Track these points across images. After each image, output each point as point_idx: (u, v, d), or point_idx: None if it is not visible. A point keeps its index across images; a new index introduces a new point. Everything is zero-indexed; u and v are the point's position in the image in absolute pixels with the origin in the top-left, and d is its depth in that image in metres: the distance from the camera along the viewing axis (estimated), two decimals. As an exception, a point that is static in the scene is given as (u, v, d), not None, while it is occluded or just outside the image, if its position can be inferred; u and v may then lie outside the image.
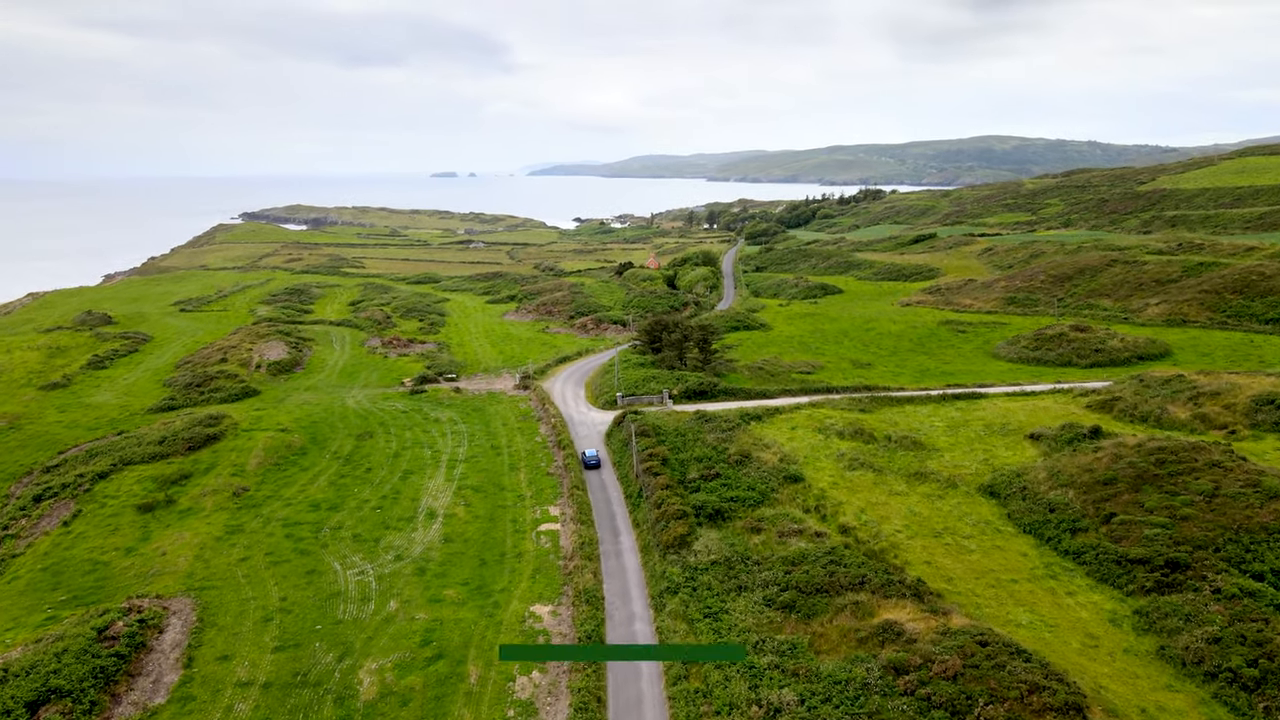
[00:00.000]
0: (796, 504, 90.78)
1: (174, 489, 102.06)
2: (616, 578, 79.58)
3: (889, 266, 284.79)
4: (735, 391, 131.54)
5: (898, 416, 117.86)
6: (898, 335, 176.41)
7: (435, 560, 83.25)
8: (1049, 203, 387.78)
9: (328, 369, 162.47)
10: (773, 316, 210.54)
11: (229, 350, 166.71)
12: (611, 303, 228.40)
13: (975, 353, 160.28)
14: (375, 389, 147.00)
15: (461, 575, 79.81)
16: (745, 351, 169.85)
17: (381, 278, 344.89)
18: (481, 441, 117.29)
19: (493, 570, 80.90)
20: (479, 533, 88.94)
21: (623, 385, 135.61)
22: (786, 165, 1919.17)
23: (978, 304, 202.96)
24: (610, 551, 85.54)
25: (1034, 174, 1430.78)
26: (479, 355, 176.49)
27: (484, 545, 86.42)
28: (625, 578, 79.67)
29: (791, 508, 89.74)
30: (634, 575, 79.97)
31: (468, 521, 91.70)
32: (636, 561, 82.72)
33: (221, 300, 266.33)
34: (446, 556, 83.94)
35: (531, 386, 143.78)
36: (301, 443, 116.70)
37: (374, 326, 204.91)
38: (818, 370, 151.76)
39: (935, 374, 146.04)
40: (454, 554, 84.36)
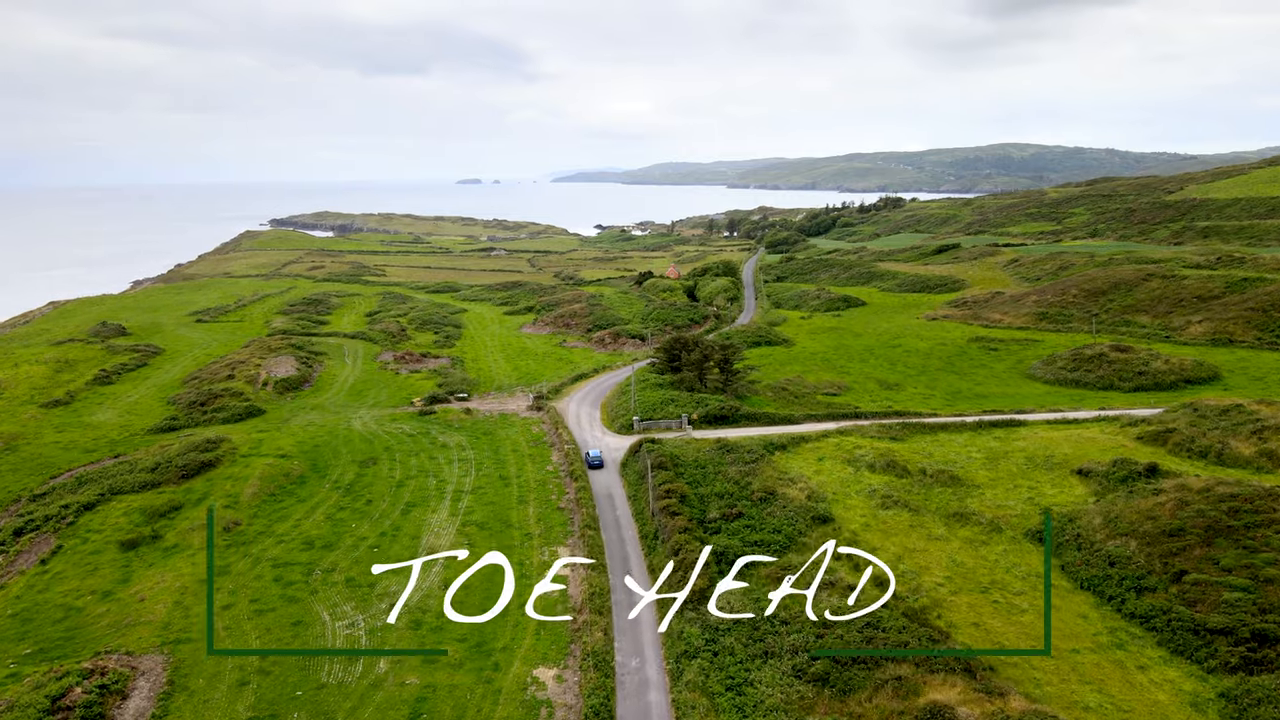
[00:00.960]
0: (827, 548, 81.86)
1: (162, 522, 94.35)
2: (629, 636, 70.90)
3: (912, 278, 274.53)
4: (758, 416, 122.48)
5: (932, 446, 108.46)
6: (926, 353, 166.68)
7: (433, 610, 74.96)
8: (1074, 212, 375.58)
9: (336, 386, 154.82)
10: (795, 331, 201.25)
11: (237, 366, 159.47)
12: (630, 315, 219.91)
13: (1009, 373, 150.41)
14: (384, 409, 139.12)
15: (460, 630, 71.43)
16: (767, 370, 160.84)
17: (401, 286, 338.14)
18: (490, 470, 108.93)
19: (495, 623, 72.45)
20: (482, 578, 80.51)
21: (640, 409, 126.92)
22: (805, 172, 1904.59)
23: (1008, 319, 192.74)
24: (623, 602, 76.85)
25: (1052, 181, 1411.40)
26: (493, 372, 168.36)
27: (487, 591, 78.01)
28: (639, 635, 70.96)
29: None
30: (648, 633, 71.21)
31: (471, 564, 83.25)
32: (651, 615, 73.92)
33: (239, 310, 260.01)
34: (444, 606, 75.56)
35: (545, 408, 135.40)
36: (301, 470, 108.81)
37: (388, 340, 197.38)
38: (844, 392, 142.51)
39: (968, 397, 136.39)
40: (453, 601, 75.92)
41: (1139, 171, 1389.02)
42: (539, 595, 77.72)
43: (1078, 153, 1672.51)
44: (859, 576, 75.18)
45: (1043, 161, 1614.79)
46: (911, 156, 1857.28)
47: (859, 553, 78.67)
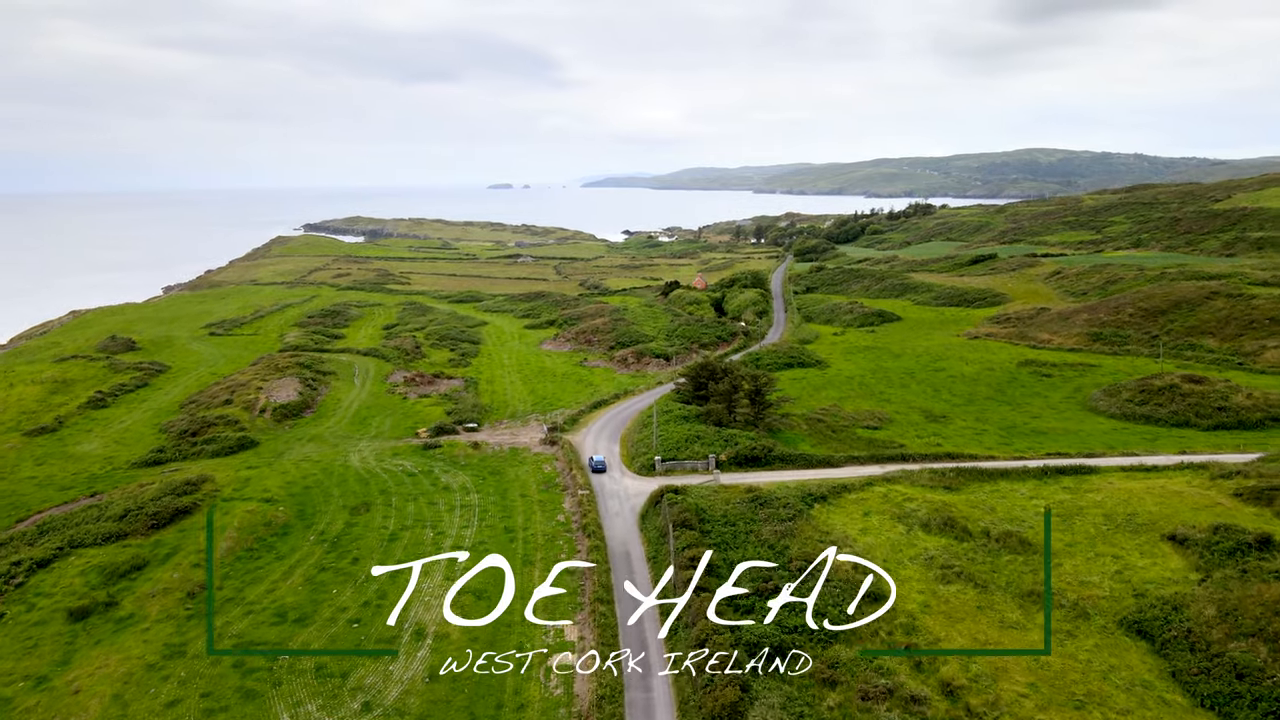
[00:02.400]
0: (880, 638, 67.77)
1: (121, 585, 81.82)
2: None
3: (949, 290, 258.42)
4: (793, 458, 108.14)
5: (993, 498, 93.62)
6: (973, 379, 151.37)
7: (412, 713, 61.69)
8: (1113, 220, 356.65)
9: (339, 413, 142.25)
10: (828, 350, 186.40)
11: (237, 389, 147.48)
12: (655, 331, 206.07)
13: (1067, 404, 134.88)
14: (386, 440, 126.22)
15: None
16: (801, 396, 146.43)
17: (424, 295, 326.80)
18: (494, 520, 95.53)
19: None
20: (474, 667, 67.04)
21: (662, 447, 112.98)
22: (832, 178, 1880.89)
23: (1057, 339, 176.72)
24: (638, 702, 63.26)
25: (1081, 187, 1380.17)
26: (507, 395, 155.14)
27: (478, 688, 64.64)
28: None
29: (875, 643, 66.90)
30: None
31: (463, 646, 69.90)
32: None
33: (256, 322, 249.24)
34: (426, 708, 62.36)
35: (560, 441, 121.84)
36: (286, 518, 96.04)
37: (401, 358, 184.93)
38: (885, 424, 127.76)
39: (1025, 433, 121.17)
40: (437, 703, 62.78)
41: (1167, 177, 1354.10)
42: (540, 686, 64.55)
43: (1105, 158, 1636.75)
44: (923, 682, 61.24)
45: (1070, 167, 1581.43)
46: (938, 162, 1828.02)
47: (919, 638, 64.61)
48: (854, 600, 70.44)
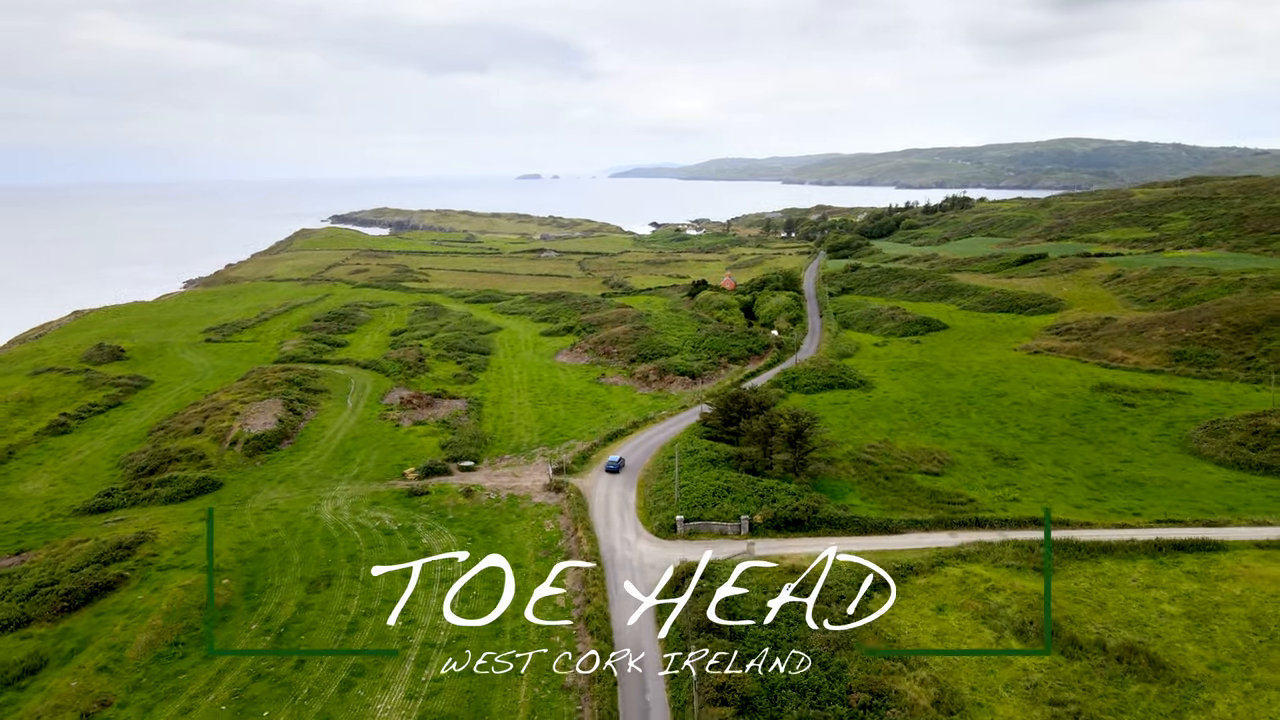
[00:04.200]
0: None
1: (6, 697, 64.63)
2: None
3: (998, 294, 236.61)
4: (843, 521, 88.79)
5: (1098, 586, 73.87)
6: (1042, 407, 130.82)
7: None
8: (1170, 217, 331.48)
9: (322, 444, 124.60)
10: (871, 365, 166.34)
11: (212, 413, 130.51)
12: (679, 342, 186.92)
13: (1160, 444, 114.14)
14: (368, 483, 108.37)
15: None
16: (844, 425, 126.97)
17: (441, 294, 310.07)
18: (479, 603, 77.31)
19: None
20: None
21: (685, 501, 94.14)
22: (862, 168, 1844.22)
23: (1133, 358, 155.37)
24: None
25: (1117, 177, 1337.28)
26: (513, 422, 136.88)
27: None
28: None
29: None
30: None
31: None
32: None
33: (259, 325, 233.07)
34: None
35: (566, 489, 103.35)
36: (229, 595, 78.46)
37: (402, 372, 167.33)
38: (947, 468, 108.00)
39: (1116, 483, 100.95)
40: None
41: (1206, 166, 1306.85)
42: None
43: (1142, 148, 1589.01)
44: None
45: (1106, 157, 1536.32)
46: (970, 152, 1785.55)
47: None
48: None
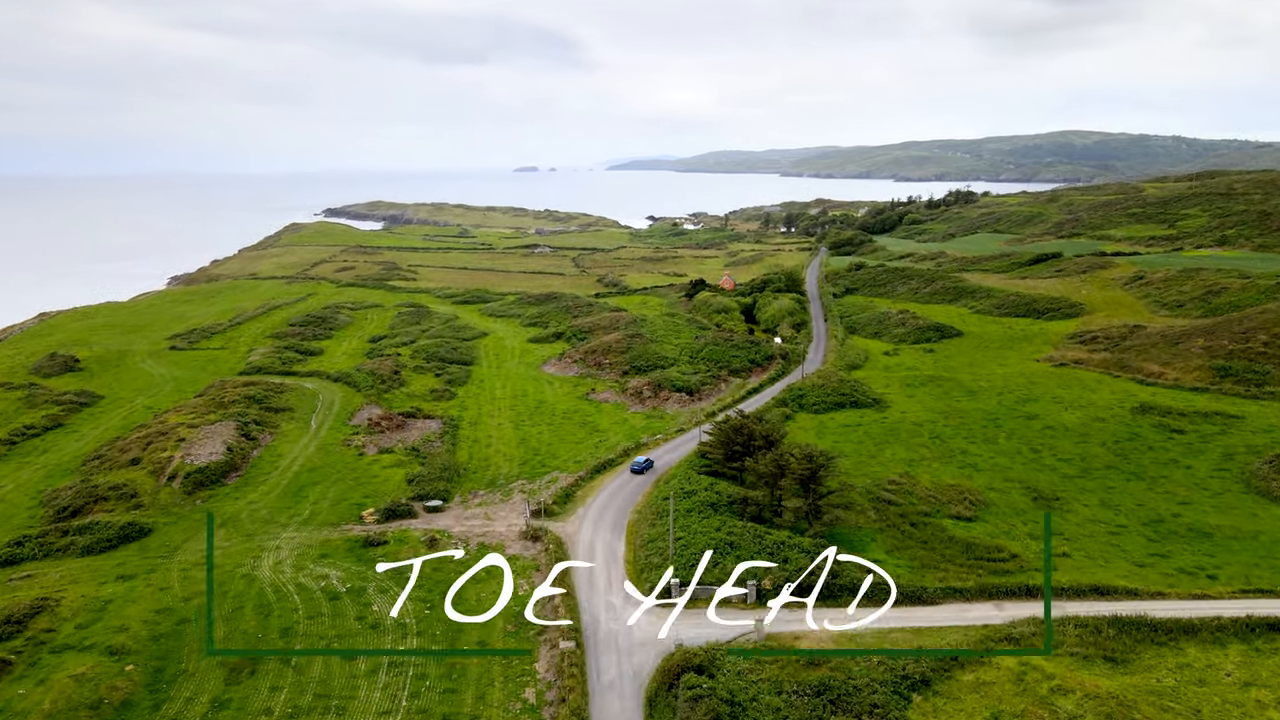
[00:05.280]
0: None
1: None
2: None
3: (1012, 297, 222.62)
4: (868, 590, 74.87)
5: (1185, 683, 60.19)
6: (1079, 433, 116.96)
7: None
8: (1186, 213, 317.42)
9: (274, 477, 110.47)
10: (884, 381, 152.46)
11: (155, 439, 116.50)
12: (676, 351, 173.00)
13: (1221, 480, 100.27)
14: (319, 528, 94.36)
15: None
16: (858, 453, 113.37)
17: (429, 294, 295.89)
18: (432, 700, 63.65)
19: None
20: None
21: (682, 557, 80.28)
22: (860, 161, 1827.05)
23: (1171, 373, 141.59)
24: None
25: (1117, 170, 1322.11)
26: (490, 449, 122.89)
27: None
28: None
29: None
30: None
31: None
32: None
33: (231, 330, 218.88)
34: None
35: (545, 537, 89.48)
36: (128, 689, 64.72)
37: (375, 386, 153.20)
38: (980, 511, 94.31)
39: (1178, 532, 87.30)
40: None
41: (1207, 159, 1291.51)
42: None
43: (1143, 140, 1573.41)
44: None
45: (1107, 149, 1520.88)
46: (969, 144, 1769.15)
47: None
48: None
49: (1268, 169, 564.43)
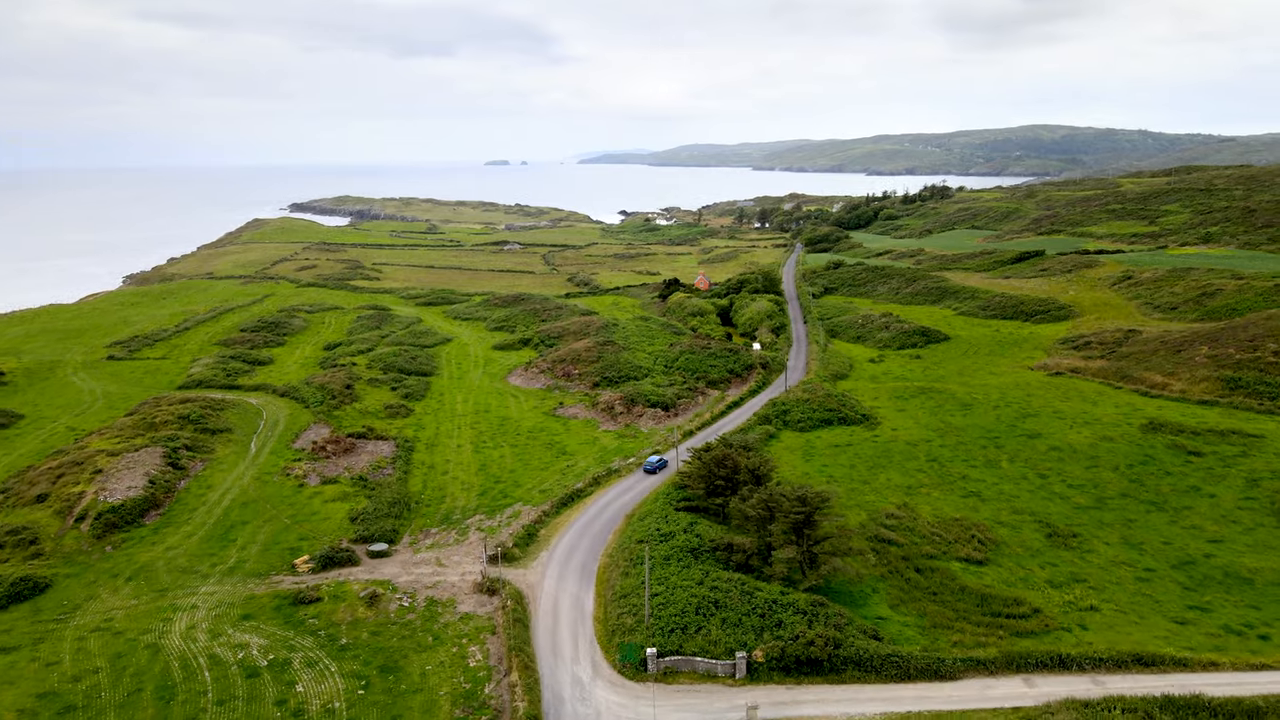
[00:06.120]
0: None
1: None
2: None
3: (998, 298, 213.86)
4: (875, 662, 64.22)
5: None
6: (1088, 455, 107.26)
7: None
8: (1167, 209, 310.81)
9: (199, 515, 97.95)
10: (872, 393, 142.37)
11: (69, 470, 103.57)
12: (650, 360, 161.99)
13: (1249, 510, 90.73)
14: (245, 581, 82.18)
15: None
16: (850, 479, 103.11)
17: (392, 294, 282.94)
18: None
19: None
20: None
21: (660, 621, 69.29)
22: (832, 155, 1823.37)
23: (1176, 384, 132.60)
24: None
25: (1085, 163, 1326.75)
26: (447, 476, 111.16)
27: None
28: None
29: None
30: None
31: None
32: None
33: (177, 336, 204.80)
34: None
35: (503, 590, 78.03)
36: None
37: (325, 402, 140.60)
38: (991, 552, 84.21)
39: (1214, 578, 77.52)
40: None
41: (1173, 153, 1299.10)
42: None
43: (1109, 134, 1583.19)
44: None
45: (1074, 144, 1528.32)
46: (939, 138, 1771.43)
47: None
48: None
49: (1241, 164, 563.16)
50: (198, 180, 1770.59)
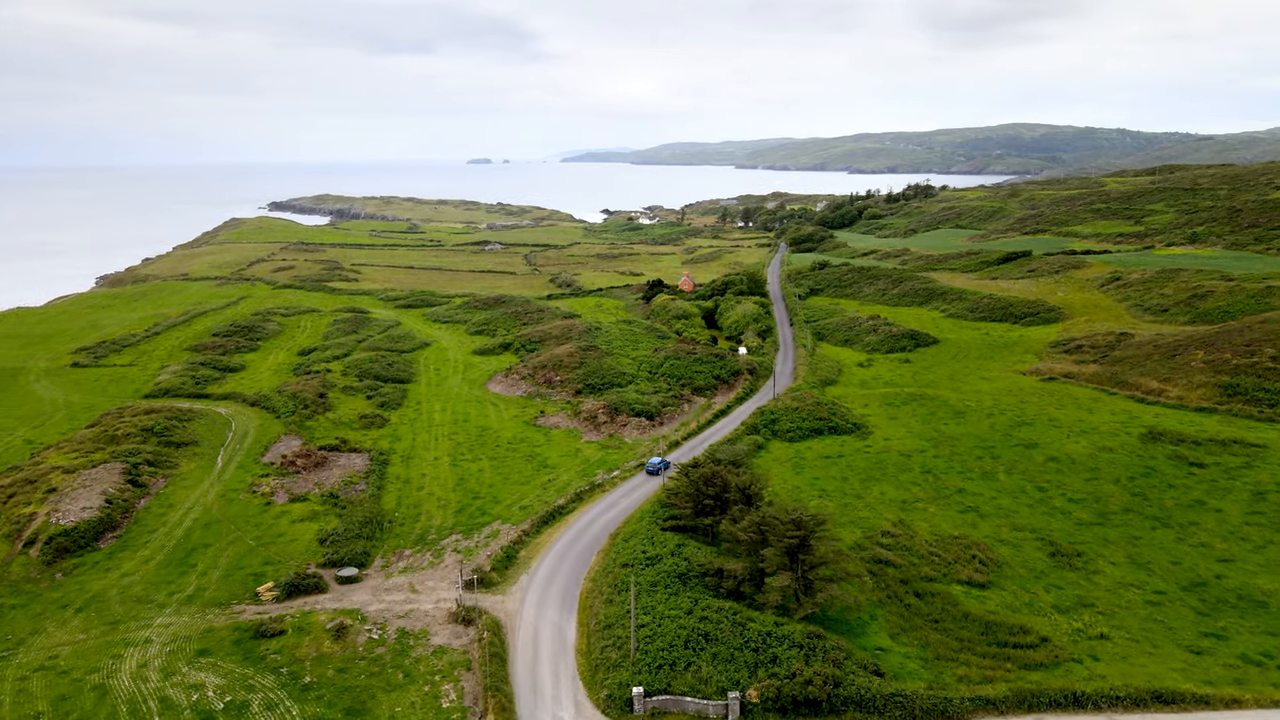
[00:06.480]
0: None
1: None
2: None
3: (985, 299, 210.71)
4: (878, 703, 60.01)
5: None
6: (1087, 466, 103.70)
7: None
8: (1152, 209, 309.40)
9: (158, 537, 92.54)
10: (862, 400, 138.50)
11: (20, 490, 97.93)
12: (635, 365, 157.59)
13: (1257, 526, 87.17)
14: (204, 611, 77.02)
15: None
16: (842, 493, 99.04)
17: (370, 296, 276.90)
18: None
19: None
20: None
21: (646, 656, 64.85)
22: (814, 153, 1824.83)
23: (1173, 390, 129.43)
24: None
25: (1065, 162, 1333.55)
26: (423, 491, 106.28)
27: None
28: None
29: None
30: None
31: None
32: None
33: (147, 342, 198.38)
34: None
35: (478, 620, 73.29)
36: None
37: (297, 412, 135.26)
38: (993, 573, 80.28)
39: (1228, 600, 73.88)
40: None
41: (1151, 151, 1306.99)
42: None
43: (1089, 133, 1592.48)
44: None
45: (1054, 142, 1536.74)
46: (921, 136, 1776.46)
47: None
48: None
49: (1220, 163, 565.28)
50: (175, 178, 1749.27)
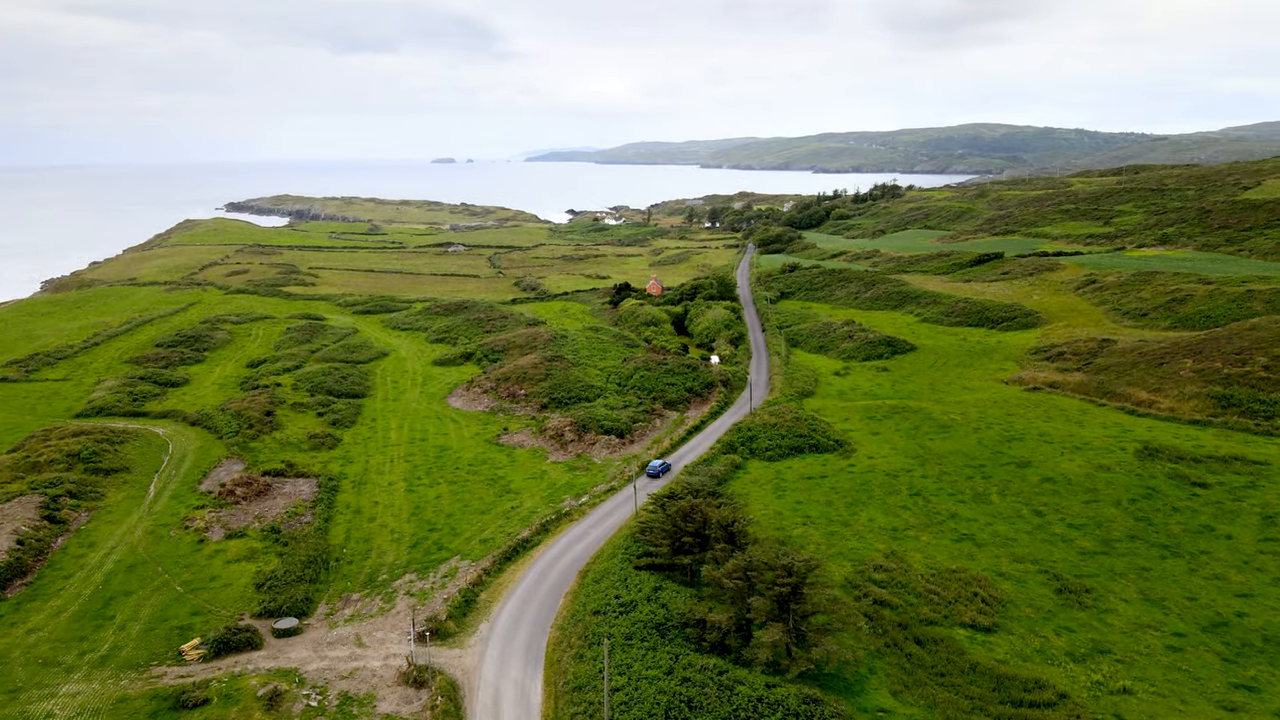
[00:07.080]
0: None
1: None
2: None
3: (961, 303, 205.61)
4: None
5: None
6: (1086, 486, 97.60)
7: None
8: (1121, 210, 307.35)
9: (74, 584, 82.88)
10: (842, 413, 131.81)
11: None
12: (604, 376, 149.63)
13: (1269, 552, 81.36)
14: (118, 676, 67.75)
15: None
16: (828, 519, 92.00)
17: (327, 301, 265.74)
18: None
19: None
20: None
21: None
22: (779, 152, 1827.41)
23: (1164, 401, 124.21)
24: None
25: (1025, 161, 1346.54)
26: (375, 523, 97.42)
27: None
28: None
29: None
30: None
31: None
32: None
33: (84, 353, 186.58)
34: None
35: (433, 681, 64.94)
36: None
37: (241, 432, 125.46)
38: (997, 615, 73.52)
39: (1253, 644, 67.73)
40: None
41: (1108, 151, 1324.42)
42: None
43: (1049, 133, 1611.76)
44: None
45: (1015, 142, 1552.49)
46: (884, 136, 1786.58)
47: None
48: None
49: (1177, 164, 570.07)
50: (136, 178, 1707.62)
